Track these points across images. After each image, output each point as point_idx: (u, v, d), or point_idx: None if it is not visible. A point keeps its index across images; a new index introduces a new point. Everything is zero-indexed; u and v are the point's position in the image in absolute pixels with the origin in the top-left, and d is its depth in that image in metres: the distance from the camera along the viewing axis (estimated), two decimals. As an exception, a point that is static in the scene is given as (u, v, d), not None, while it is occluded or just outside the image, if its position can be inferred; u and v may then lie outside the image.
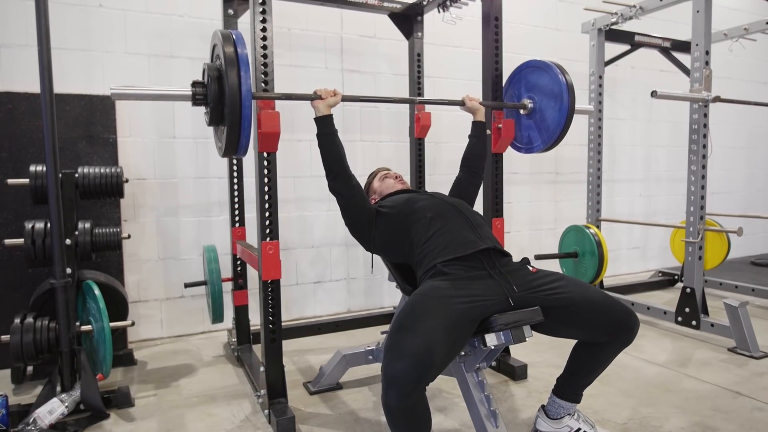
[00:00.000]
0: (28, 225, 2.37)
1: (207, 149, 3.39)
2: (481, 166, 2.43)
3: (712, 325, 3.10)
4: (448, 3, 3.07)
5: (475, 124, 2.43)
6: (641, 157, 5.19)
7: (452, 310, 1.63)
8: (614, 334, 1.78)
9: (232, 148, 1.88)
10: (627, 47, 4.08)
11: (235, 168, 3.04)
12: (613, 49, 4.02)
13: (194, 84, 1.90)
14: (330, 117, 2.05)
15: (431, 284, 1.77)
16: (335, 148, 2.03)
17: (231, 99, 1.79)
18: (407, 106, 3.47)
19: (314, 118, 2.06)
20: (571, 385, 1.95)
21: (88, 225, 2.52)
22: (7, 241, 2.40)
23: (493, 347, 1.73)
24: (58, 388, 2.25)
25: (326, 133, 2.04)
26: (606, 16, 3.77)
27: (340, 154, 2.03)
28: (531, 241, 4.61)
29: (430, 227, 1.96)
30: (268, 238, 2.18)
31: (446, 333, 1.57)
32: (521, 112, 2.57)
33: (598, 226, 3.84)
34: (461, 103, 2.44)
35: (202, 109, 2.01)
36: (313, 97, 2.07)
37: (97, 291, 2.40)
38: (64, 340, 2.24)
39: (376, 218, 2.07)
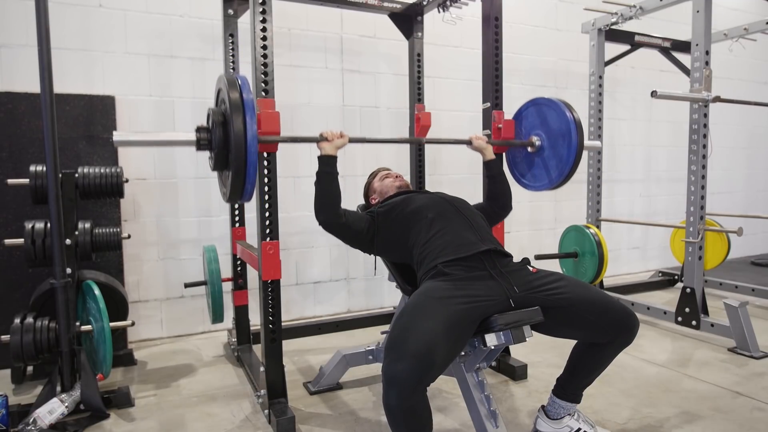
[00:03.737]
0: (28, 225, 2.37)
1: (207, 149, 3.38)
2: (509, 201, 2.32)
3: (712, 325, 3.10)
4: (448, 3, 3.07)
5: (487, 164, 2.34)
6: (641, 157, 5.19)
7: (453, 311, 1.63)
8: (614, 334, 1.78)
9: (237, 195, 1.80)
10: (627, 47, 4.08)
11: (235, 168, 3.03)
12: (613, 49, 4.02)
13: (198, 129, 1.83)
14: (335, 158, 2.01)
15: (432, 284, 1.77)
16: (332, 190, 1.98)
17: (236, 145, 1.71)
18: (408, 106, 3.46)
19: (318, 156, 2.01)
20: (571, 386, 1.94)
21: (88, 225, 2.52)
22: (7, 241, 2.40)
23: (493, 347, 1.73)
24: (58, 388, 2.25)
25: (327, 171, 1.99)
26: (606, 16, 3.77)
27: (335, 196, 1.98)
28: (531, 241, 4.61)
29: (431, 228, 1.96)
30: (268, 238, 2.18)
31: (447, 333, 1.57)
32: (528, 149, 2.48)
33: (598, 226, 3.84)
34: (468, 142, 2.36)
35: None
36: (320, 139, 2.02)
37: (97, 291, 2.40)
38: (64, 340, 2.24)
39: (377, 221, 2.07)
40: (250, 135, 1.71)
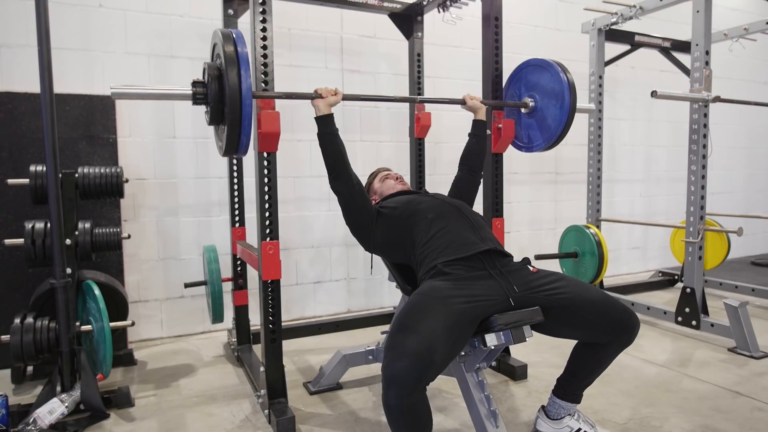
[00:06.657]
0: (28, 225, 2.37)
1: (207, 149, 3.39)
2: (480, 165, 2.43)
3: (712, 325, 3.10)
4: (448, 3, 3.07)
5: (476, 123, 2.43)
6: (641, 157, 5.19)
7: (452, 310, 1.63)
8: (615, 334, 1.78)
9: (233, 148, 1.88)
10: (627, 47, 4.08)
11: (235, 168, 3.04)
12: (613, 49, 4.02)
13: (194, 83, 1.90)
14: (331, 116, 2.05)
15: (432, 284, 1.77)
16: (336, 148, 2.03)
17: (231, 98, 1.78)
18: (407, 106, 3.47)
19: (315, 117, 2.05)
20: (571, 386, 1.94)
21: (88, 225, 2.52)
22: (7, 241, 2.40)
23: (493, 347, 1.73)
24: (58, 388, 2.25)
25: (327, 132, 2.03)
26: (606, 16, 3.77)
27: (341, 153, 2.03)
28: (531, 241, 4.61)
29: (431, 228, 1.96)
30: (268, 238, 2.18)
31: (446, 333, 1.57)
32: (522, 110, 2.57)
33: (598, 226, 3.84)
34: (462, 102, 2.43)
35: (202, 109, 2.01)
36: (314, 96, 2.06)
37: (97, 291, 2.40)
38: (64, 340, 2.24)
39: (377, 219, 2.07)
40: (245, 88, 1.78)
